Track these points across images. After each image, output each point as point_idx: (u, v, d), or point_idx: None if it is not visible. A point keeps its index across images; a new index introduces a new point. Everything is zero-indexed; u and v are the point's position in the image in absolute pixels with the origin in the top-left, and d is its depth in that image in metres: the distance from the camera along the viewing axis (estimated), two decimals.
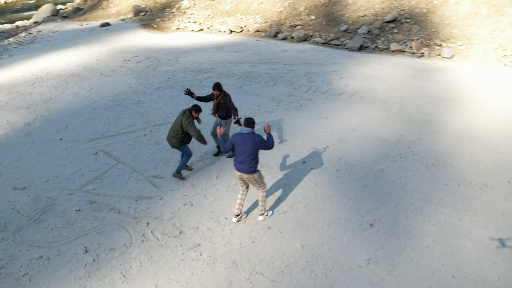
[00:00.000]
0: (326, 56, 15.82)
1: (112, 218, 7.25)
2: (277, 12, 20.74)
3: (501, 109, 10.99)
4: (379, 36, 18.31)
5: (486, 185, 8.02)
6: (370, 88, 12.40)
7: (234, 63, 14.81)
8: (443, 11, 18.18)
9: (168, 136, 7.88)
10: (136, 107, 11.36)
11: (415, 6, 18.88)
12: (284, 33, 19.00)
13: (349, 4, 20.13)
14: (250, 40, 18.18)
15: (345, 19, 19.31)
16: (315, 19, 19.94)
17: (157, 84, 12.97)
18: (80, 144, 9.64)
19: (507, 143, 9.38)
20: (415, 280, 6.08)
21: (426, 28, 17.84)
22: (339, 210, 7.44)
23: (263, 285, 5.99)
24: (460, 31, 17.35)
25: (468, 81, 12.94)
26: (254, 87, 12.65)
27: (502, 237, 6.87)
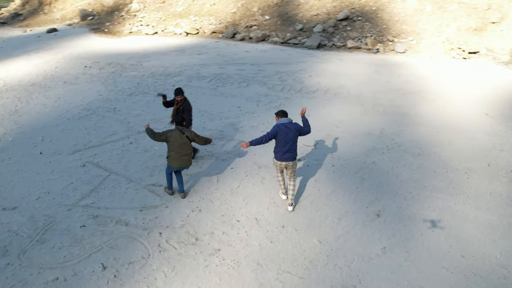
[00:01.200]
0: (289, 55, 16.14)
1: (121, 231, 7.01)
2: (231, 13, 20.80)
3: (463, 99, 11.86)
4: (334, 34, 18.97)
5: (470, 170, 8.65)
6: (341, 84, 12.86)
7: (201, 66, 14.70)
8: (392, 8, 19.18)
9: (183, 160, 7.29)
10: (113, 115, 10.97)
11: (365, 4, 19.75)
12: (242, 34, 19.11)
13: (301, 4, 20.64)
14: (209, 42, 18.10)
15: (299, 18, 19.78)
16: (270, 19, 20.24)
17: (128, 90, 12.59)
18: (63, 156, 9.17)
19: (478, 130, 10.16)
20: (431, 263, 6.46)
21: (377, 25, 18.73)
22: (344, 204, 7.70)
23: (293, 283, 6.10)
24: (409, 27, 18.41)
25: (427, 74, 13.80)
26: (228, 88, 12.66)
27: (494, 217, 7.45)
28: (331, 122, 10.54)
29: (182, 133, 7.18)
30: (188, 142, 7.27)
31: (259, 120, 10.64)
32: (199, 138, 7.47)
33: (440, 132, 10.10)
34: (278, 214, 7.46)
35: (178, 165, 7.26)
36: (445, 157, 9.09)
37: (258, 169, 8.71)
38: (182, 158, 7.23)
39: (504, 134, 9.97)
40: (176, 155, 7.19)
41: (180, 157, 7.22)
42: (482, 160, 8.97)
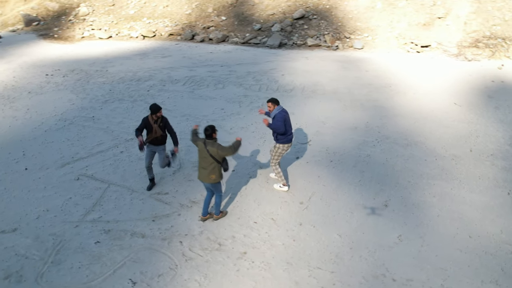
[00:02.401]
0: (254, 55, 16.26)
1: (140, 243, 6.80)
2: (185, 15, 20.53)
3: (431, 90, 12.64)
4: (292, 32, 19.34)
5: (456, 156, 9.27)
6: (315, 82, 13.19)
7: (169, 69, 14.42)
8: (344, 6, 19.91)
9: (201, 173, 6.82)
10: (94, 124, 10.50)
11: (319, 2, 20.33)
12: (201, 35, 18.95)
13: (256, 4, 20.83)
14: (169, 45, 17.76)
15: (256, 18, 19.95)
16: (226, 19, 20.23)
17: (101, 97, 12.08)
18: (52, 171, 8.66)
19: (452, 118, 10.89)
20: (445, 246, 6.89)
21: (332, 22, 19.36)
22: (352, 197, 7.97)
23: (326, 278, 6.25)
24: (363, 24, 19.22)
25: (391, 68, 14.52)
26: (205, 90, 12.55)
27: (487, 198, 8.06)
28: (317, 119, 10.80)
29: (205, 146, 6.69)
30: (208, 156, 6.68)
31: (246, 121, 10.67)
32: (224, 150, 6.68)
33: (419, 122, 10.69)
34: (292, 212, 7.56)
35: (199, 177, 6.94)
36: (431, 146, 9.65)
37: (260, 170, 8.76)
38: (201, 171, 6.83)
39: (476, 121, 10.76)
40: (199, 166, 6.90)
41: (200, 169, 6.88)
42: (463, 147, 9.63)
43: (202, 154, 6.73)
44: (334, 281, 6.20)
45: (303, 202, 7.85)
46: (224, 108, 11.39)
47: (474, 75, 13.98)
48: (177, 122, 10.63)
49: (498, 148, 9.56)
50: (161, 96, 12.07)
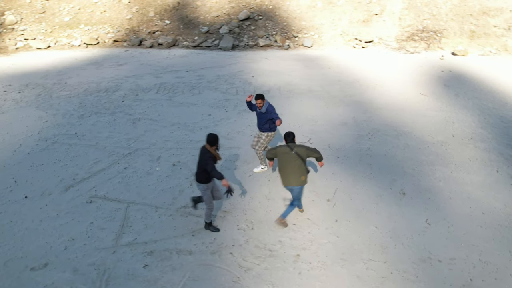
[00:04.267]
0: (212, 58, 16.16)
1: (190, 260, 6.59)
2: (126, 20, 19.71)
3: (395, 83, 13.59)
4: (241, 34, 19.49)
5: (443, 142, 10.14)
6: (287, 82, 13.50)
7: (134, 77, 13.81)
8: (287, 6, 20.49)
9: (291, 178, 6.81)
10: (80, 141, 9.79)
11: (261, 3, 20.69)
12: (149, 41, 18.34)
13: (199, 6, 20.63)
14: (118, 52, 16.95)
15: (202, 21, 19.79)
16: (170, 23, 19.80)
17: (74, 112, 11.26)
18: (57, 196, 7.97)
19: (426, 108, 11.84)
20: (467, 224, 7.59)
21: (278, 22, 19.85)
22: (370, 189, 8.40)
23: (381, 268, 6.59)
24: (307, 23, 19.95)
25: (350, 65, 15.32)
26: (183, 97, 12.27)
27: (483, 177, 8.95)
28: (306, 117, 11.11)
29: (292, 150, 6.80)
30: (298, 158, 6.78)
31: (240, 125, 10.65)
32: (313, 151, 6.96)
33: (399, 114, 11.47)
34: (323, 210, 7.78)
35: (286, 183, 6.87)
36: (419, 134, 10.43)
37: (275, 172, 8.83)
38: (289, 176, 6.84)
39: (445, 109, 11.81)
40: (283, 172, 6.83)
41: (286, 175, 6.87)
42: (446, 133, 10.55)
43: (287, 158, 6.78)
44: (391, 270, 6.52)
45: (329, 199, 8.09)
46: (211, 114, 11.23)
47: (424, 66, 15.23)
48: (170, 131, 10.29)
49: (474, 132, 10.59)
50: (140, 106, 11.56)
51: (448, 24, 19.61)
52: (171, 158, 9.23)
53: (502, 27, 19.40)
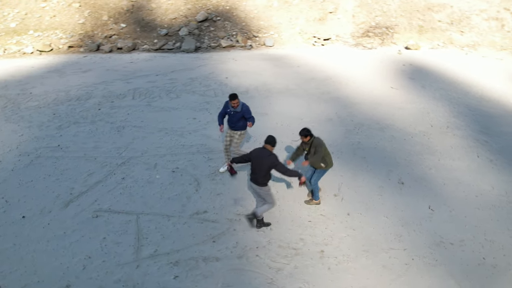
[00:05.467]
0: (178, 61, 15.87)
1: (219, 267, 6.53)
2: (79, 24, 18.82)
3: (364, 78, 14.14)
4: (201, 35, 19.29)
5: (424, 132, 10.73)
6: (262, 81, 13.58)
7: (103, 83, 13.25)
8: (244, 6, 20.55)
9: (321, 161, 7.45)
10: (66, 154, 9.26)
11: (218, 4, 20.59)
12: (107, 45, 17.63)
13: (155, 8, 20.15)
14: (77, 58, 16.15)
15: (159, 23, 19.37)
16: (126, 26, 19.18)
17: (50, 123, 10.61)
18: (58, 213, 7.51)
19: (400, 100, 12.43)
20: (465, 207, 8.14)
21: (237, 23, 19.87)
22: (371, 181, 8.73)
23: (403, 255, 6.92)
24: (266, 22, 20.14)
25: (316, 62, 15.69)
26: (162, 102, 11.97)
27: (467, 163, 9.60)
28: (292, 116, 11.26)
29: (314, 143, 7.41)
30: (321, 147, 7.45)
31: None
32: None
33: (377, 108, 11.95)
34: (333, 205, 7.98)
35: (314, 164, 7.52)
36: (401, 126, 10.94)
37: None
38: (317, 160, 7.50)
39: (417, 100, 12.48)
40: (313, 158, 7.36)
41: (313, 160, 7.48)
42: (424, 123, 11.15)
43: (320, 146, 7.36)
44: (412, 256, 6.85)
45: (336, 194, 8.29)
46: (196, 117, 11.06)
47: (385, 61, 15.94)
48: (159, 138, 10.02)
49: (449, 121, 11.28)
50: (119, 113, 11.12)
51: (398, 20, 20.62)
52: (168, 164, 8.99)
53: (445, 22, 20.72)
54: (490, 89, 13.59)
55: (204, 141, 9.96)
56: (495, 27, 20.65)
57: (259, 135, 10.19)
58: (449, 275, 6.51)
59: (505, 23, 20.65)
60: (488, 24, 20.85)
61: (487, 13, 21.09)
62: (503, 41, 19.90)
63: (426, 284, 6.34)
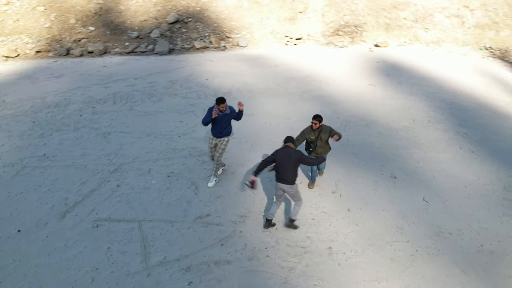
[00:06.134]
0: (154, 63, 15.62)
1: (232, 270, 6.51)
2: (45, 28, 18.14)
3: (343, 76, 14.42)
4: (173, 37, 19.05)
5: (408, 127, 11.08)
6: (243, 82, 13.59)
7: (80, 89, 12.83)
8: (214, 7, 20.46)
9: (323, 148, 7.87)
10: (54, 163, 8.93)
11: (188, 5, 20.40)
12: (77, 49, 17.08)
13: (124, 11, 19.72)
14: (47, 63, 15.55)
15: (129, 26, 18.98)
16: (95, 29, 18.67)
17: (31, 131, 10.18)
18: (55, 225, 7.24)
19: (381, 97, 12.77)
20: (457, 197, 8.50)
21: (208, 24, 19.77)
22: (365, 177, 8.95)
23: (407, 247, 7.14)
24: (237, 23, 20.14)
25: (293, 61, 15.87)
26: (145, 106, 11.74)
27: (452, 155, 10.00)
28: (279, 115, 11.34)
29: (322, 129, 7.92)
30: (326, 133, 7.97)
31: None
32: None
33: (360, 105, 12.22)
34: (333, 202, 8.13)
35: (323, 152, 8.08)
36: (385, 122, 11.24)
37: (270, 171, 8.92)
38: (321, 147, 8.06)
39: (396, 96, 12.87)
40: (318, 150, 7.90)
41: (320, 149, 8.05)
42: (406, 118, 11.51)
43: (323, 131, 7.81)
44: (415, 248, 7.07)
45: (334, 191, 8.43)
46: (183, 120, 10.92)
47: (360, 59, 16.31)
48: (148, 142, 9.84)
49: (428, 115, 11.70)
50: (103, 119, 10.81)
51: (366, 19, 21.13)
52: (162, 169, 8.84)
53: (410, 19, 21.42)
54: (461, 84, 14.18)
55: (195, 144, 9.85)
56: (456, 24, 21.53)
57: (249, 136, 10.18)
58: (453, 264, 6.75)
59: (465, 20, 21.57)
60: (450, 21, 21.70)
61: (448, 11, 21.94)
62: (464, 37, 20.78)
63: (433, 273, 6.55)
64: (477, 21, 21.43)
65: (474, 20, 21.54)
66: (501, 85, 14.78)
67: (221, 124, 7.95)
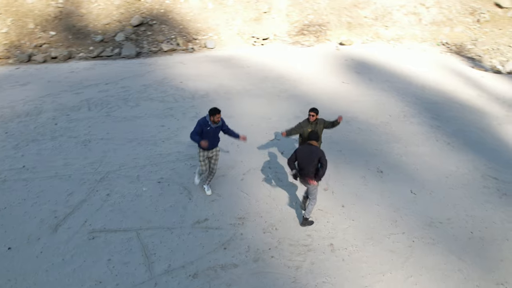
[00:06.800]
0: (123, 68, 15.24)
1: (240, 273, 6.51)
2: (2, 34, 17.27)
3: (315, 74, 14.67)
4: (138, 40, 18.65)
5: (385, 122, 11.46)
6: (219, 84, 13.52)
7: (50, 96, 12.31)
8: (179, 9, 20.22)
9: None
10: (35, 175, 8.53)
11: (151, 7, 20.04)
12: (40, 55, 16.37)
13: (85, 14, 19.10)
14: (8, 70, 14.80)
15: (92, 30, 18.42)
16: (56, 34, 17.97)
17: (5, 143, 9.64)
18: (49, 240, 6.93)
19: (355, 94, 13.12)
20: (441, 188, 8.90)
21: (174, 26, 19.52)
22: (353, 173, 9.18)
23: (403, 239, 7.42)
24: (203, 24, 20.00)
25: (264, 62, 15.97)
26: (122, 112, 11.44)
27: (430, 147, 10.43)
28: (259, 116, 11.39)
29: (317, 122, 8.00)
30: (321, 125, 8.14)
31: None
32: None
33: (336, 102, 12.49)
34: (327, 199, 8.31)
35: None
36: (363, 118, 11.55)
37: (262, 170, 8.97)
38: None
39: (369, 93, 13.23)
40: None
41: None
42: (383, 114, 11.88)
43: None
44: (412, 238, 7.35)
45: (325, 188, 8.57)
46: (164, 125, 10.74)
47: (329, 57, 16.65)
48: (132, 149, 9.60)
49: (402, 110, 12.13)
50: (80, 126, 10.44)
51: (329, 18, 21.56)
52: (151, 176, 8.65)
53: (371, 18, 22.07)
54: (427, 78, 14.78)
55: (180, 149, 9.70)
56: (414, 21, 22.39)
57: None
58: (448, 252, 7.05)
59: (422, 17, 22.47)
60: (408, 18, 22.54)
61: (406, 8, 22.78)
62: (422, 33, 21.64)
63: (432, 262, 6.81)
64: (433, 18, 22.35)
65: (430, 17, 22.45)
66: (462, 79, 15.53)
67: (214, 135, 7.49)
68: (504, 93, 14.59)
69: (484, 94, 14.38)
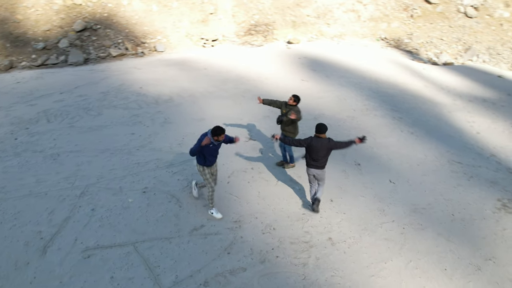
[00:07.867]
0: (73, 75, 14.49)
1: (249, 276, 6.52)
2: None
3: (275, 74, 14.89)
4: (84, 46, 17.82)
5: (351, 116, 11.94)
6: (180, 87, 13.30)
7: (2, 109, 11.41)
8: (123, 12, 19.58)
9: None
10: (7, 195, 7.85)
11: (94, 11, 19.22)
12: None
13: (22, 20, 17.89)
14: None
15: (32, 36, 17.33)
16: None
17: None
18: (39, 262, 6.47)
19: (317, 90, 13.44)
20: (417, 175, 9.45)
21: (119, 30, 18.88)
22: (334, 167, 9.48)
23: (394, 226, 7.80)
24: (150, 27, 19.52)
25: (220, 63, 15.94)
26: (85, 122, 10.89)
27: (396, 138, 11.04)
28: (230, 117, 11.36)
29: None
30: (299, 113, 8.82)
31: (174, 137, 10.21)
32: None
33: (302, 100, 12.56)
34: None
35: None
36: (331, 114, 11.94)
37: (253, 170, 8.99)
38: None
39: (329, 89, 13.66)
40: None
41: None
42: (347, 109, 12.35)
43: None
44: (402, 226, 7.75)
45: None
46: (135, 133, 10.38)
47: (282, 56, 16.95)
48: (106, 159, 9.18)
49: (364, 104, 12.66)
50: (44, 140, 9.79)
51: (274, 17, 21.91)
52: (134, 186, 8.34)
53: (313, 16, 22.72)
54: (377, 72, 15.51)
55: (157, 156, 9.43)
56: (353, 18, 23.35)
57: None
58: (437, 234, 7.49)
59: (360, 14, 23.50)
60: (347, 16, 23.46)
61: (345, 6, 23.70)
62: (362, 30, 22.65)
63: (425, 246, 7.21)
64: (370, 15, 23.44)
65: (368, 14, 23.52)
66: (407, 71, 16.47)
67: (214, 152, 7.20)
68: (446, 82, 15.66)
69: (429, 85, 15.34)
